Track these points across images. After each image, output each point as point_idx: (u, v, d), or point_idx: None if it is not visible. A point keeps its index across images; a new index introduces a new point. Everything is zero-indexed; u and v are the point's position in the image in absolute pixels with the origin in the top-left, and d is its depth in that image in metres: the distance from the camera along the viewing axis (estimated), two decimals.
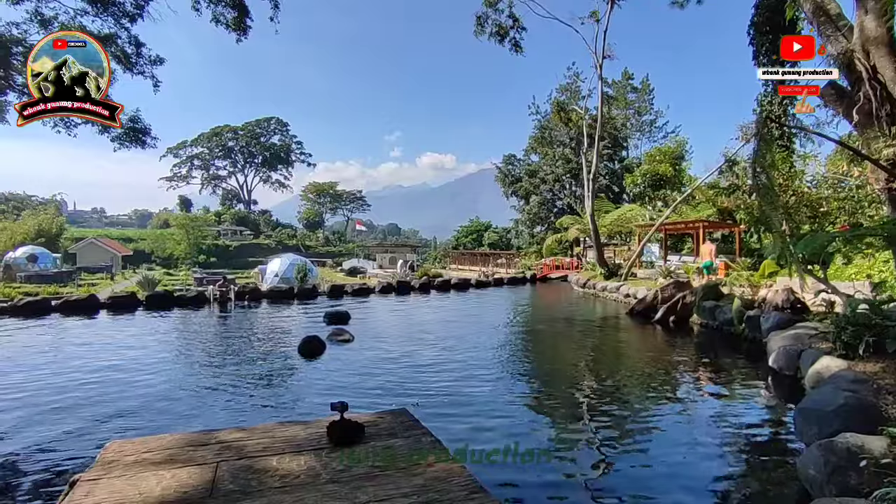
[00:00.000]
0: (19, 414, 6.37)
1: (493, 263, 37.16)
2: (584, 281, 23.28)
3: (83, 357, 9.69)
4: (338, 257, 57.91)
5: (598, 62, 23.48)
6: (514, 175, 47.36)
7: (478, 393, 7.22)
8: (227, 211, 78.38)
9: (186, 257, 51.80)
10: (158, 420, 6.14)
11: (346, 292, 20.74)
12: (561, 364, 9.65)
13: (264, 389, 7.61)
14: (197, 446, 3.72)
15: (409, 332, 12.79)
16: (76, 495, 3.00)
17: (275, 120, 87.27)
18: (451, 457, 3.53)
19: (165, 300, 17.74)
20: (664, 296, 13.75)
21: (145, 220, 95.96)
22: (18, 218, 39.28)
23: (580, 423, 6.22)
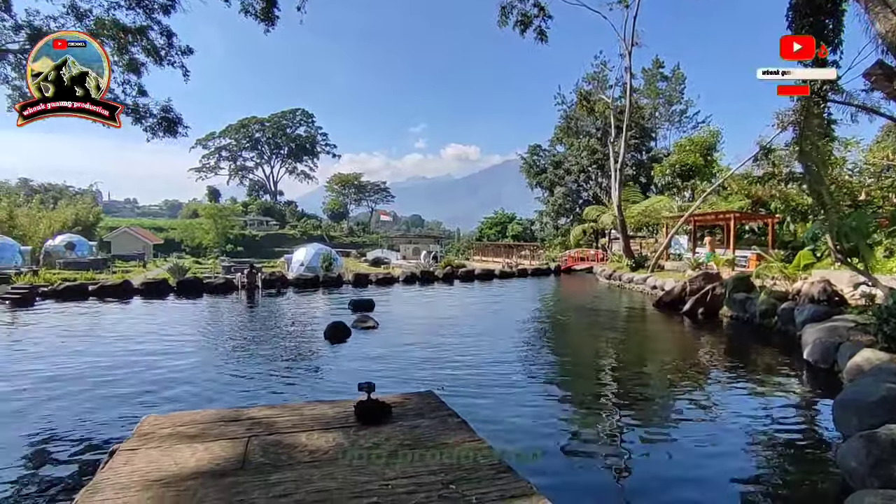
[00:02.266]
0: (62, 389, 6.61)
1: (517, 255, 36.94)
2: (610, 272, 22.96)
3: (119, 338, 10.01)
4: (362, 248, 58.37)
5: (626, 50, 22.97)
6: (539, 166, 46.87)
7: (502, 380, 7.19)
8: (253, 201, 79.73)
9: (214, 246, 52.88)
10: (190, 397, 6.31)
11: (371, 281, 20.90)
12: (585, 354, 9.55)
13: (291, 371, 7.74)
14: (228, 422, 3.79)
15: (432, 320, 12.83)
16: (116, 463, 3.10)
17: (300, 111, 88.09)
18: (478, 437, 3.52)
19: (195, 287, 18.18)
20: (693, 287, 13.45)
21: (175, 210, 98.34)
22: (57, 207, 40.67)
23: (606, 412, 6.14)
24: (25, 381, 7.01)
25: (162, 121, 16.55)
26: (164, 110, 16.68)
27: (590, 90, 37.10)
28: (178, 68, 17.21)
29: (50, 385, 6.85)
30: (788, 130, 16.23)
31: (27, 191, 46.82)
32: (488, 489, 2.77)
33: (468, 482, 2.84)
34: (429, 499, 2.66)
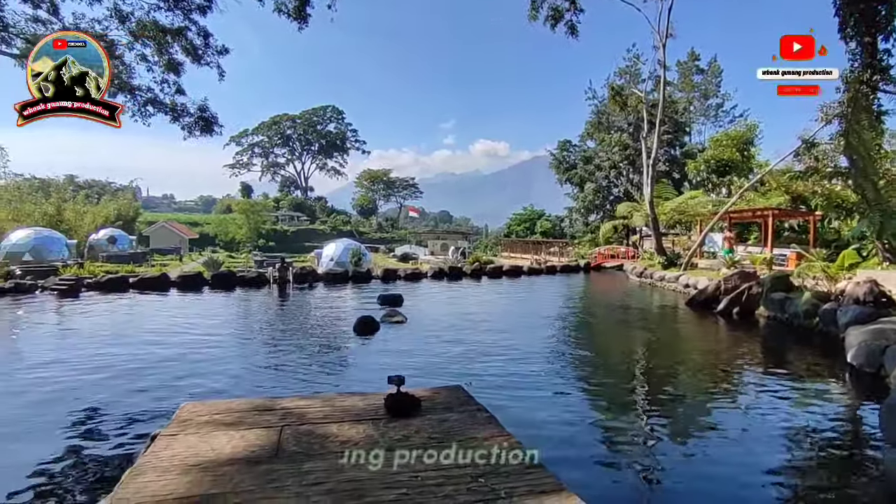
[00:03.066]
0: (105, 375, 6.91)
1: (546, 251, 36.59)
2: (641, 270, 22.52)
3: (157, 329, 10.38)
4: (390, 243, 58.80)
5: (660, 42, 22.40)
6: (568, 162, 46.26)
7: (530, 377, 7.16)
8: (285, 197, 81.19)
9: (247, 241, 54.13)
10: (224, 386, 6.49)
11: (399, 277, 21.05)
12: (615, 352, 9.42)
13: (322, 363, 7.88)
14: (262, 411, 3.89)
15: (460, 315, 12.84)
16: (157, 447, 3.22)
17: (331, 108, 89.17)
18: (507, 433, 3.52)
19: (228, 280, 18.67)
20: (728, 286, 13.08)
21: (210, 206, 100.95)
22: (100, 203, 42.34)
23: (635, 412, 6.05)
24: (72, 367, 7.34)
25: (198, 120, 16.99)
26: (200, 109, 17.10)
27: (622, 84, 36.41)
28: (213, 68, 17.65)
29: (94, 371, 7.16)
30: (833, 123, 15.59)
31: (73, 187, 48.79)
32: (517, 484, 2.77)
33: (497, 476, 2.85)
34: (457, 491, 2.68)
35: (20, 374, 7.21)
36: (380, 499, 2.60)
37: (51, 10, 15.33)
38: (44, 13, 15.34)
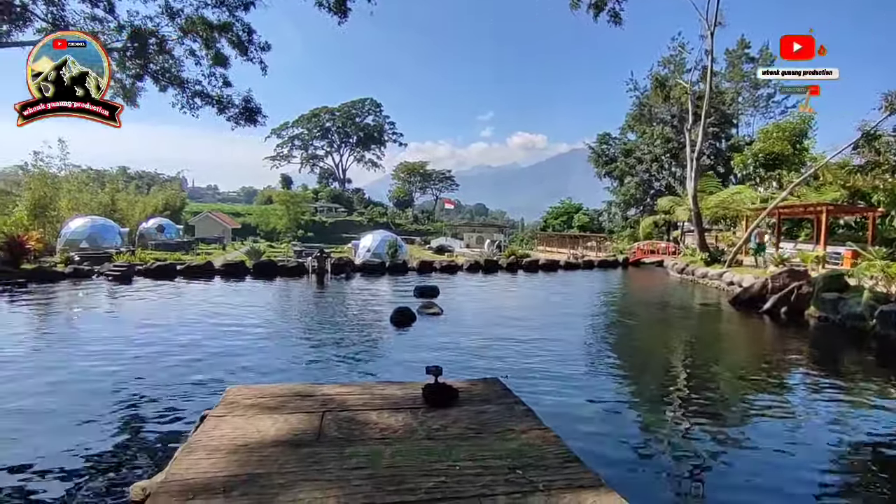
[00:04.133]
0: (156, 357, 7.26)
1: (583, 246, 36.02)
2: (683, 266, 21.88)
3: (203, 315, 10.80)
4: (426, 235, 59.08)
5: (708, 30, 21.56)
6: (608, 155, 45.25)
7: (566, 371, 7.10)
8: (323, 189, 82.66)
9: (287, 231, 55.47)
10: (266, 371, 6.71)
11: (435, 269, 21.16)
12: (654, 350, 9.22)
13: (359, 352, 8.03)
14: (304, 397, 4.01)
15: (496, 308, 12.82)
16: (206, 427, 3.37)
17: (369, 101, 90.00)
18: (545, 426, 3.51)
19: (269, 269, 19.19)
20: (775, 285, 12.57)
21: (251, 197, 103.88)
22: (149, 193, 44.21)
23: (674, 411, 5.92)
24: (126, 349, 7.74)
25: (243, 111, 17.49)
26: (245, 101, 17.60)
27: (665, 75, 35.28)
28: (256, 63, 18.10)
29: (146, 353, 7.53)
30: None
31: (125, 178, 51.14)
32: (555, 477, 2.77)
33: (535, 469, 2.86)
34: (495, 482, 2.70)
35: (78, 354, 7.65)
36: (418, 486, 2.65)
37: (107, 9, 16.03)
38: (101, 11, 16.06)
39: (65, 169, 28.85)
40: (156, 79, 17.36)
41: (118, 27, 16.57)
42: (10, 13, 14.20)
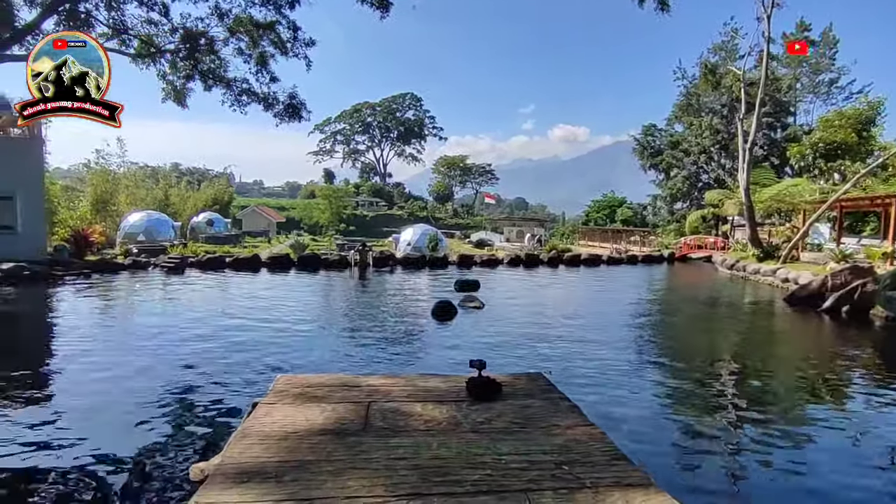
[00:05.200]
0: (208, 346, 7.57)
1: (627, 240, 35.17)
2: (733, 262, 21.04)
3: (251, 306, 11.19)
4: (466, 229, 59.06)
5: (765, 13, 20.51)
6: (653, 147, 43.88)
7: (610, 368, 6.96)
8: (364, 183, 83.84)
9: (329, 225, 56.56)
10: (313, 361, 6.89)
11: (475, 263, 21.16)
12: (701, 349, 8.91)
13: (401, 345, 8.14)
14: (350, 387, 4.09)
15: (538, 303, 12.70)
16: (258, 414, 3.49)
17: (409, 95, 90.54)
18: (591, 422, 3.46)
19: (313, 262, 19.70)
20: (836, 282, 11.90)
21: (295, 191, 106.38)
22: (200, 188, 46.08)
23: (722, 412, 5.70)
24: (181, 337, 8.11)
25: (288, 107, 17.94)
26: (290, 97, 18.04)
27: (716, 62, 33.84)
28: (301, 59, 18.52)
29: (199, 342, 7.87)
30: None
31: (177, 174, 53.39)
32: (602, 475, 2.72)
33: (581, 465, 2.81)
34: (541, 477, 2.68)
35: (138, 342, 8.08)
36: (464, 478, 2.65)
37: (162, 12, 16.72)
38: (156, 15, 16.78)
39: (123, 166, 30.45)
40: (204, 79, 18.04)
41: (171, 29, 17.29)
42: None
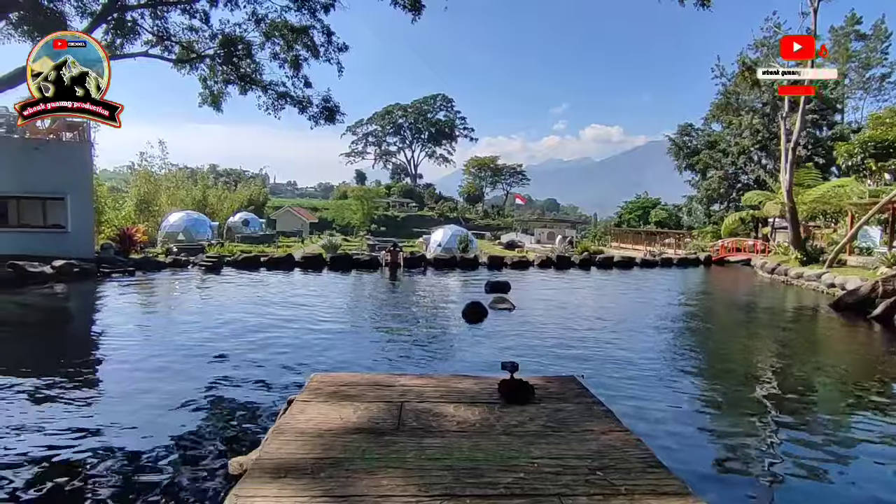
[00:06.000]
0: (244, 343, 7.77)
1: (661, 243, 34.40)
2: (774, 266, 20.29)
3: (286, 304, 11.42)
4: (496, 230, 58.88)
5: (811, 6, 19.71)
6: (689, 147, 42.74)
7: (643, 372, 6.83)
8: (395, 184, 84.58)
9: (361, 226, 57.25)
10: (346, 360, 7.00)
11: (506, 264, 21.05)
12: (740, 355, 8.62)
13: (433, 345, 8.18)
14: (383, 386, 4.14)
15: (570, 306, 12.55)
16: (293, 411, 3.57)
17: (440, 97, 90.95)
18: (625, 427, 3.40)
19: (345, 262, 19.96)
20: (888, 288, 11.34)
21: (328, 192, 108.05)
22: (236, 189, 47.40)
23: (762, 422, 5.50)
24: (218, 335, 8.35)
25: (323, 110, 18.27)
26: (324, 100, 18.37)
27: (756, 58, 32.71)
28: (333, 64, 18.84)
29: (235, 339, 8.09)
30: None
31: (214, 175, 55.07)
32: (638, 482, 2.68)
33: (616, 471, 2.78)
34: (575, 482, 2.65)
35: (177, 339, 8.36)
36: (497, 480, 2.65)
37: (203, 19, 17.27)
38: (197, 22, 17.35)
39: (164, 168, 31.58)
40: (241, 83, 18.54)
41: (211, 35, 17.85)
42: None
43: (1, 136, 16.56)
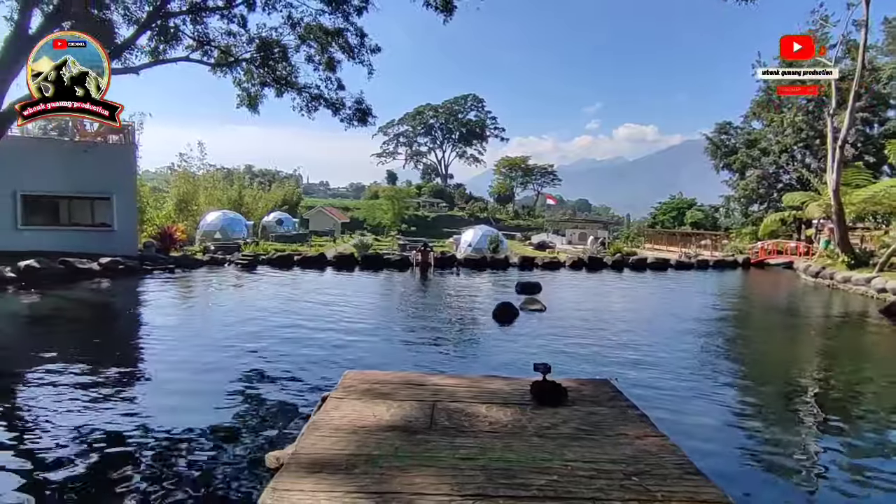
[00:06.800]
0: (277, 340, 7.95)
1: (696, 244, 33.52)
2: (818, 270, 19.49)
3: (318, 301, 11.63)
4: (526, 231, 58.47)
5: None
6: (727, 146, 41.43)
7: (678, 377, 6.66)
8: (426, 184, 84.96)
9: (392, 226, 57.73)
10: (377, 358, 7.08)
11: (536, 265, 20.89)
12: (781, 362, 8.32)
13: (463, 346, 8.20)
14: (416, 385, 4.18)
15: (602, 308, 12.37)
16: (328, 407, 3.64)
17: (471, 97, 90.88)
18: (662, 433, 3.34)
19: (376, 261, 20.20)
20: None
21: (359, 192, 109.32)
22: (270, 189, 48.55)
23: (804, 432, 5.29)
24: (252, 331, 8.57)
25: (356, 112, 18.51)
26: (357, 102, 18.60)
27: None
28: (365, 66, 19.04)
29: (269, 335, 8.28)
30: None
31: (250, 175, 56.48)
32: (675, 488, 2.62)
33: (652, 477, 2.73)
34: (610, 486, 2.62)
35: (215, 333, 8.63)
36: (530, 482, 2.65)
37: (241, 24, 17.73)
38: (235, 26, 17.83)
39: (202, 168, 32.58)
40: (277, 85, 18.95)
41: (248, 39, 18.30)
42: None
43: (53, 140, 17.40)
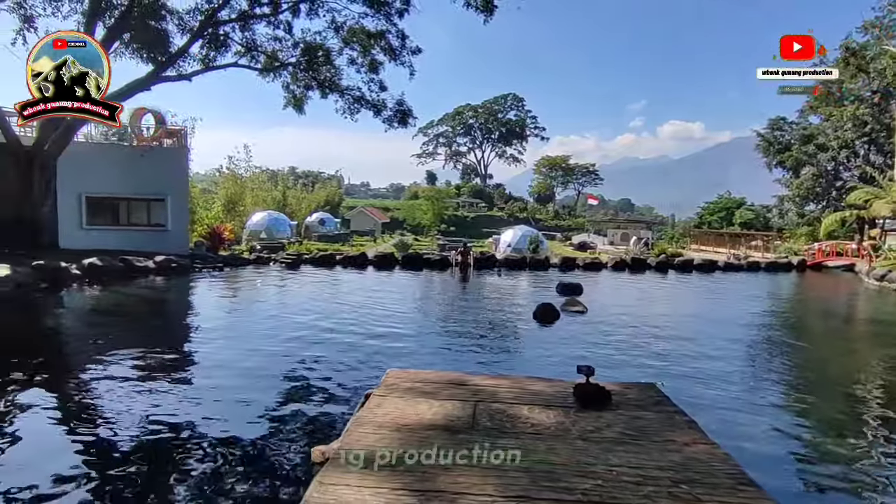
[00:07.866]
0: (323, 337, 8.14)
1: (746, 245, 32.16)
2: (883, 273, 18.35)
3: (361, 300, 11.82)
4: (567, 231, 57.66)
5: None
6: (781, 142, 39.53)
7: (727, 383, 6.43)
8: (465, 184, 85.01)
9: (432, 226, 58.07)
10: (418, 357, 7.15)
11: (577, 265, 20.57)
12: (840, 371, 7.88)
13: (504, 346, 8.18)
14: (457, 385, 4.19)
15: (646, 311, 12.06)
16: (371, 405, 3.71)
17: (511, 96, 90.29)
18: (712, 440, 3.23)
19: (416, 261, 20.37)
20: None
21: (399, 193, 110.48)
22: (313, 190, 49.79)
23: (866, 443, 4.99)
24: (298, 329, 8.80)
25: (397, 113, 18.75)
26: (398, 103, 18.83)
27: (866, 42, 29.66)
28: (406, 67, 19.25)
29: (313, 333, 8.48)
30: None
31: (293, 176, 58.03)
32: (727, 499, 2.54)
33: (702, 486, 2.65)
34: (657, 493, 2.56)
35: (261, 330, 8.91)
36: (574, 486, 2.62)
37: (286, 29, 18.26)
38: (281, 32, 18.37)
39: (249, 170, 33.72)
40: (321, 87, 19.40)
41: (293, 44, 18.82)
42: None
43: (114, 145, 18.39)
